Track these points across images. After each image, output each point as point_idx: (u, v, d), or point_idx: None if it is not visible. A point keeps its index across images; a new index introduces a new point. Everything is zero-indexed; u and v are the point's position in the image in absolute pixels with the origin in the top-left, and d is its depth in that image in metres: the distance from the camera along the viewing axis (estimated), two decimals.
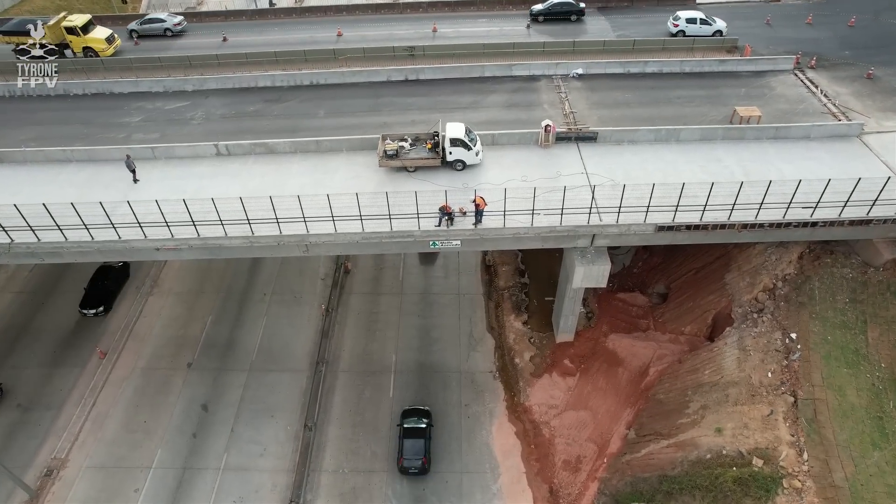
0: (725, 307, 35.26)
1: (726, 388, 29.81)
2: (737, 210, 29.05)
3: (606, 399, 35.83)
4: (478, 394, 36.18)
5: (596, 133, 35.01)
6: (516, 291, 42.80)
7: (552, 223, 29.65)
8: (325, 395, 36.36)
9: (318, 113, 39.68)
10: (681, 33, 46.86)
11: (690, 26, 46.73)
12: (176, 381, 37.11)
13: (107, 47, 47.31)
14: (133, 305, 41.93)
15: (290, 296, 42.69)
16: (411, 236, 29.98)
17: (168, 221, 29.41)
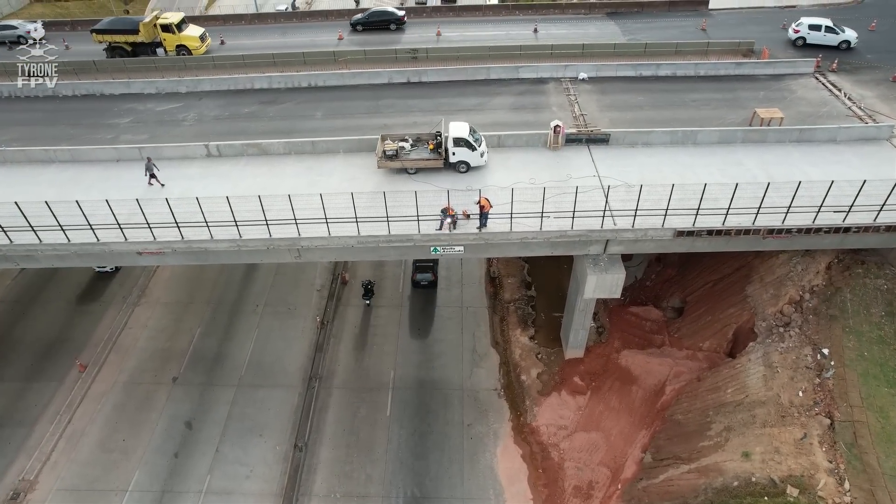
0: (747, 321, 32.87)
1: (752, 408, 27.31)
2: (762, 215, 26.91)
3: (620, 420, 33.29)
4: (481, 413, 33.69)
5: (608, 135, 33.03)
6: (522, 304, 40.48)
7: (562, 227, 27.50)
8: (318, 413, 33.93)
9: (316, 115, 37.90)
10: (801, 40, 43.62)
11: (813, 33, 43.29)
12: (159, 396, 34.76)
13: (200, 45, 46.47)
14: (118, 316, 39.75)
15: (284, 307, 40.47)
16: (411, 240, 27.83)
17: (150, 223, 27.41)
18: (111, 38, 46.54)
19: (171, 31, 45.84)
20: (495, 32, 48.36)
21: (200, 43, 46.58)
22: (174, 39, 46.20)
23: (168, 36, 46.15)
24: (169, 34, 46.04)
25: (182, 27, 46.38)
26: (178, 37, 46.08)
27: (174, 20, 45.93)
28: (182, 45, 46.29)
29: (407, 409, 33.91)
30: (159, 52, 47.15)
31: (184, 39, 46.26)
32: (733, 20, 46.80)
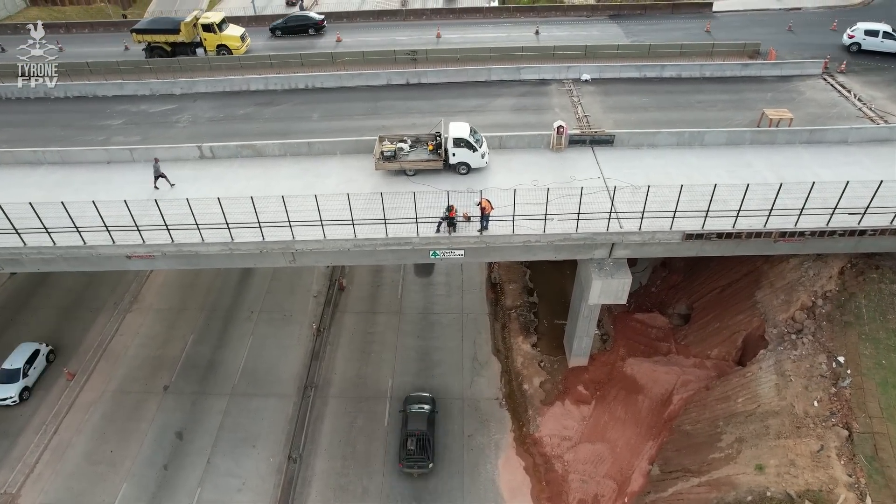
0: (757, 328, 31.79)
1: (765, 418, 26.18)
2: (773, 217, 25.91)
3: (626, 430, 32.14)
4: (482, 423, 32.53)
5: (613, 136, 32.09)
6: (524, 311, 39.40)
7: (566, 230, 26.49)
8: (313, 424, 32.79)
9: (312, 116, 37.03)
10: (855, 46, 41.78)
11: (869, 39, 41.32)
12: (149, 405, 33.63)
13: (241, 45, 45.81)
14: (109, 322, 38.68)
15: (280, 314, 39.40)
16: (409, 244, 26.82)
17: (139, 226, 26.44)
18: (151, 38, 45.74)
19: (212, 30, 45.09)
20: (496, 34, 47.60)
21: (241, 42, 45.88)
22: (215, 39, 45.46)
23: (209, 35, 45.39)
24: (210, 34, 45.28)
25: (223, 27, 45.65)
26: (219, 36, 45.36)
27: (216, 20, 45.17)
28: (223, 44, 45.58)
29: None
30: (199, 52, 46.45)
31: (225, 39, 45.54)
32: (738, 22, 46.05)
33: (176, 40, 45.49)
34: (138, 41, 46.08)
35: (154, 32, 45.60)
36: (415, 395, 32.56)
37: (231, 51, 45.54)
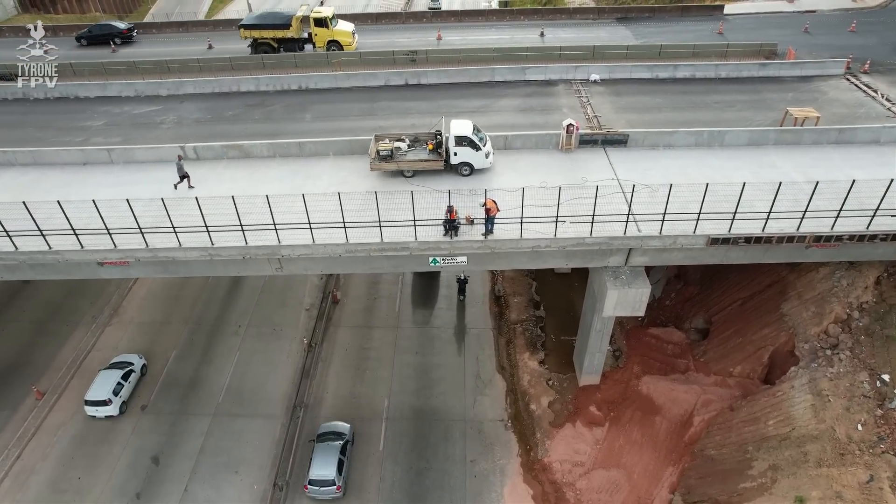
0: (785, 343, 29.23)
1: (802, 443, 23.54)
2: (805, 220, 23.54)
3: (643, 455, 29.43)
4: (486, 447, 29.82)
5: (626, 135, 29.87)
6: (531, 326, 36.84)
7: (580, 234, 24.09)
8: (302, 447, 30.07)
9: (305, 117, 34.91)
10: None
11: None
12: (124, 427, 30.97)
13: (352, 41, 44.06)
14: (86, 337, 36.13)
15: (269, 328, 36.85)
16: (406, 249, 24.42)
17: (110, 229, 24.06)
18: (259, 34, 44.22)
19: (324, 25, 43.45)
20: (499, 36, 45.76)
21: (352, 38, 44.19)
22: (326, 35, 43.83)
23: (321, 31, 43.74)
24: (322, 29, 43.64)
25: (334, 22, 44.00)
26: (331, 32, 43.73)
27: (328, 14, 43.55)
28: (334, 40, 43.89)
29: (402, 442, 30.06)
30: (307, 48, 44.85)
31: (337, 35, 43.92)
32: (751, 24, 44.23)
33: (285, 36, 43.83)
34: (245, 37, 44.40)
35: (262, 28, 43.97)
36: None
37: (342, 46, 43.77)
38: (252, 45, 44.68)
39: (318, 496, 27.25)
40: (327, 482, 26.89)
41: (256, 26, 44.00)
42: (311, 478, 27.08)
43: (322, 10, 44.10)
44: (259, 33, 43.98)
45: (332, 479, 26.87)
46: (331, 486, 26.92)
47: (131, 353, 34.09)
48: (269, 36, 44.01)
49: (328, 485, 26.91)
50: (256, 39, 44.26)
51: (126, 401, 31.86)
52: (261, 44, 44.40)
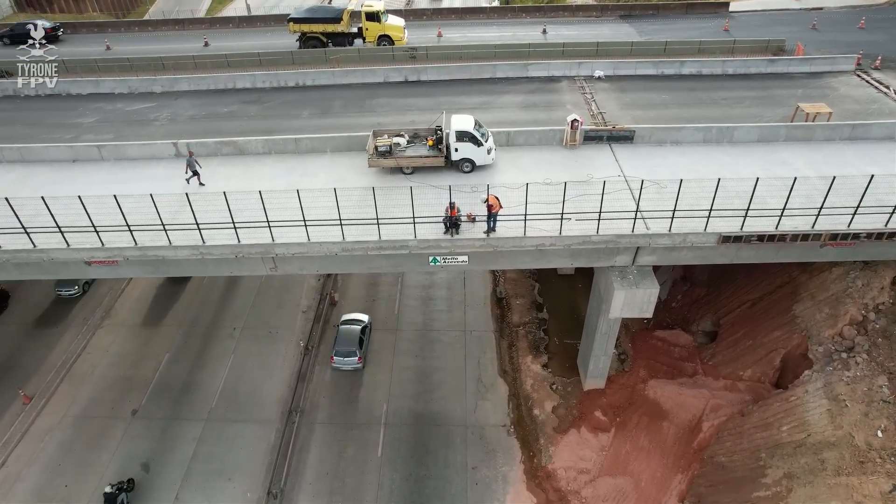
0: (798, 346, 28.23)
1: (819, 451, 22.53)
2: (820, 217, 22.62)
3: (650, 462, 28.43)
4: (488, 454, 28.81)
5: (632, 131, 28.97)
6: (533, 328, 35.86)
7: (586, 232, 23.15)
8: (298, 453, 29.09)
9: (302, 114, 34.03)
10: None
11: None
12: (114, 433, 29.97)
13: (403, 36, 43.27)
14: (76, 340, 35.16)
15: (265, 331, 35.88)
16: (405, 248, 23.47)
17: (97, 226, 23.14)
18: (308, 28, 43.40)
19: (376, 19, 42.66)
20: (501, 33, 44.95)
21: (403, 33, 43.45)
22: (378, 29, 43.04)
23: (372, 25, 42.94)
24: (373, 23, 42.85)
25: (385, 17, 43.34)
26: (382, 26, 42.97)
27: (380, 8, 42.76)
28: (386, 35, 43.10)
29: (401, 448, 29.06)
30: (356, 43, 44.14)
31: (388, 29, 43.23)
32: (757, 21, 43.40)
33: (335, 30, 43.09)
34: (294, 31, 43.60)
35: (312, 21, 43.21)
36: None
37: (393, 41, 42.95)
38: (300, 39, 43.81)
39: (343, 366, 32.33)
40: (351, 353, 32.03)
41: (306, 20, 43.14)
42: (336, 349, 32.31)
43: (374, 4, 43.18)
44: (308, 27, 43.18)
45: (354, 351, 32.11)
46: (353, 357, 32.06)
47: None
48: (319, 30, 43.18)
49: (351, 355, 31.99)
50: (305, 33, 43.40)
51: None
52: (309, 38, 43.55)
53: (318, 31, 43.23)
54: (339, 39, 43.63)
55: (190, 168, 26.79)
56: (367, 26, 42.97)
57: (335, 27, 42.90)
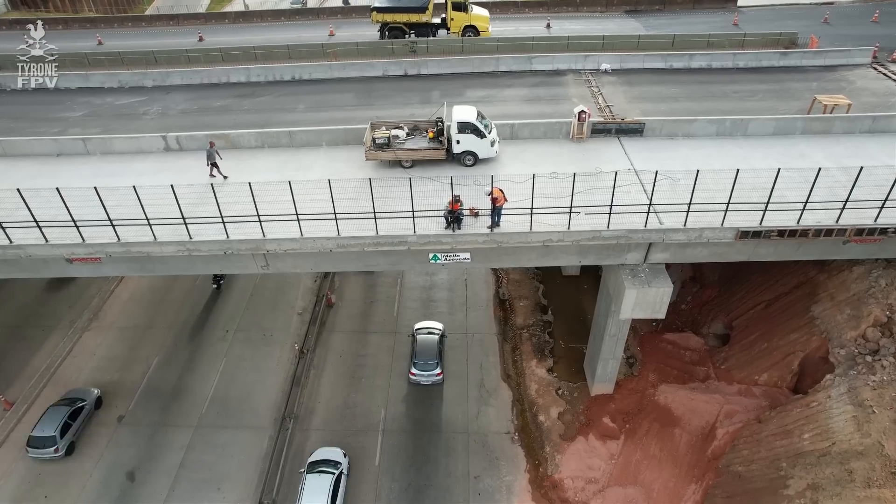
0: (818, 349, 26.83)
1: (846, 460, 21.11)
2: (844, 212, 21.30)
3: (662, 471, 27.01)
4: (491, 462, 27.39)
5: (642, 124, 27.68)
6: (538, 331, 34.49)
7: (595, 227, 21.82)
8: (291, 462, 27.68)
9: (297, 107, 32.80)
10: None
11: None
12: (99, 440, 28.58)
13: (488, 27, 42.03)
14: (62, 342, 33.80)
15: (259, 334, 34.51)
16: (404, 243, 22.11)
17: (77, 221, 21.83)
18: (392, 18, 42.29)
19: (463, 10, 41.44)
20: (503, 28, 43.86)
21: (488, 24, 42.29)
22: (464, 19, 41.83)
23: (458, 15, 41.75)
24: (459, 13, 41.67)
25: (470, 7, 42.09)
26: (468, 16, 41.75)
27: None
28: (471, 25, 41.89)
29: (400, 457, 27.65)
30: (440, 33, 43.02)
31: (474, 20, 42.03)
32: (767, 16, 42.28)
33: (419, 20, 41.92)
34: (376, 21, 42.56)
35: (396, 11, 42.05)
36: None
37: (478, 32, 41.80)
38: (381, 29, 42.79)
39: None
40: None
41: (390, 9, 42.03)
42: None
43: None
44: (392, 17, 42.13)
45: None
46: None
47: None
48: (403, 20, 42.12)
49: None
50: (388, 23, 42.34)
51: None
52: (392, 28, 42.49)
53: (402, 21, 42.20)
54: (422, 30, 42.60)
55: (209, 160, 25.39)
56: (452, 16, 41.87)
57: (419, 17, 41.84)
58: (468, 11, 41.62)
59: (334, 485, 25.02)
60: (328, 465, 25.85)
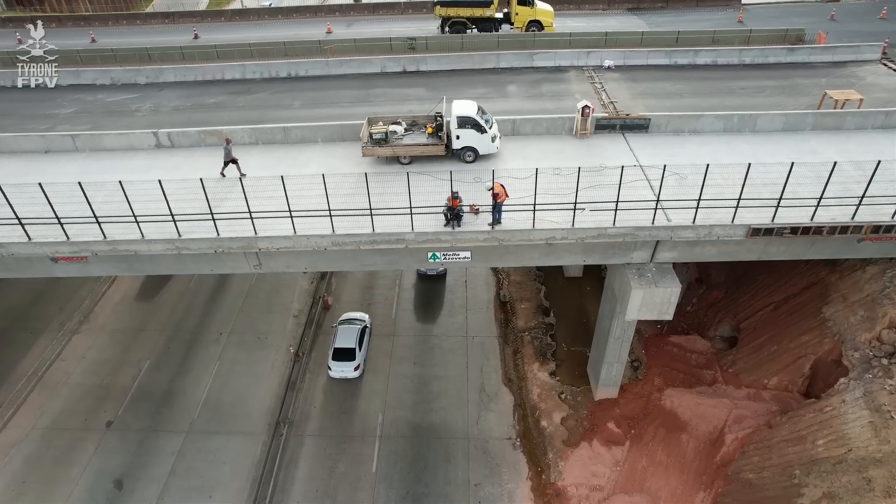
0: (830, 351, 25.93)
1: (864, 468, 20.19)
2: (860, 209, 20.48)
3: (669, 478, 26.07)
4: (492, 469, 26.46)
5: (647, 119, 26.88)
6: (540, 334, 33.58)
7: (601, 224, 20.97)
8: (285, 468, 26.74)
9: (293, 104, 32.03)
10: None
11: None
12: (87, 446, 27.65)
13: (552, 22, 41.54)
14: (51, 345, 32.90)
15: (253, 336, 33.62)
16: (401, 241, 21.26)
17: (62, 219, 20.99)
18: (455, 12, 41.81)
19: (528, 4, 40.99)
20: (504, 26, 42.94)
21: (552, 19, 41.85)
22: (528, 14, 41.34)
23: (523, 10, 41.33)
24: (524, 8, 41.24)
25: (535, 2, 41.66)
26: (533, 11, 41.28)
27: None
28: (536, 20, 41.36)
29: (398, 463, 26.72)
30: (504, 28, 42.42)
31: (539, 14, 41.50)
32: (773, 13, 41.60)
33: (483, 15, 41.47)
34: (440, 15, 42.14)
35: (460, 5, 41.60)
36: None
37: (543, 27, 41.28)
38: (443, 24, 42.42)
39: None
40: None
41: (453, 3, 41.59)
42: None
43: None
44: (455, 11, 41.72)
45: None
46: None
47: None
48: (466, 14, 41.74)
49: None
50: (451, 18, 41.91)
51: None
52: (455, 22, 42.10)
53: (465, 16, 41.80)
54: (485, 25, 42.18)
55: (227, 157, 24.51)
56: (517, 11, 41.45)
57: (483, 11, 41.42)
58: (533, 6, 41.24)
59: (360, 333, 30.51)
60: (355, 322, 31.25)
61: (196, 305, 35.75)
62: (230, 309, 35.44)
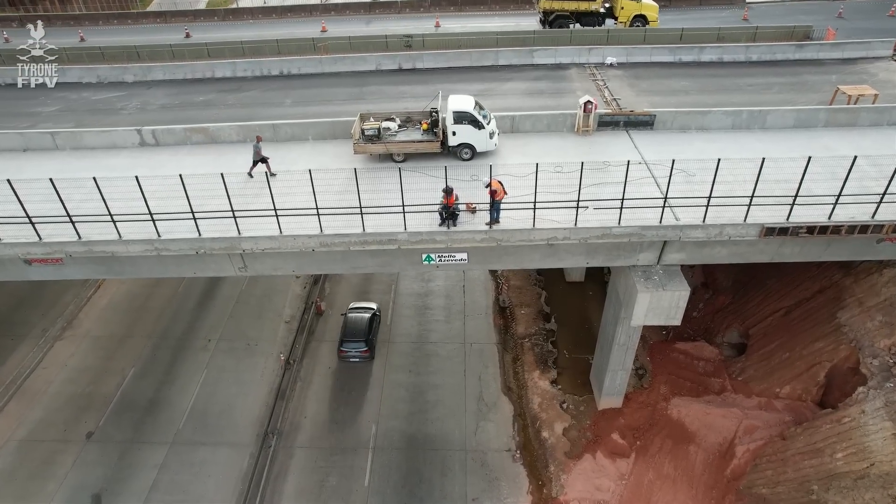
0: (846, 358, 24.68)
1: (889, 484, 18.92)
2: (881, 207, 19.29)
3: (677, 492, 24.75)
4: (490, 483, 25.13)
5: (653, 116, 25.71)
6: (540, 340, 32.30)
7: (605, 224, 19.76)
8: (274, 482, 25.42)
9: (285, 102, 30.94)
10: None
11: None
12: (65, 459, 26.32)
13: (657, 17, 40.68)
14: (32, 352, 31.62)
15: (242, 343, 32.35)
16: (394, 242, 20.04)
17: (33, 218, 19.80)
18: (559, 6, 41.05)
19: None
20: (503, 23, 42.21)
21: (658, 14, 41.05)
22: (634, 8, 40.66)
23: (628, 4, 40.69)
24: (630, 2, 40.56)
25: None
26: (639, 5, 40.56)
27: None
28: (641, 15, 40.63)
29: (392, 476, 25.39)
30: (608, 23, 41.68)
31: (645, 9, 40.75)
32: (778, 11, 40.67)
33: (588, 8, 40.72)
34: (542, 9, 41.48)
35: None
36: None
37: (648, 22, 40.52)
38: (544, 18, 41.66)
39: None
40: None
41: None
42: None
43: None
44: (560, 5, 40.98)
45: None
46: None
47: None
48: (571, 8, 40.98)
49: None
50: (555, 11, 41.10)
51: None
52: (558, 17, 41.22)
53: (570, 10, 41.04)
54: (589, 19, 41.39)
55: (256, 155, 23.23)
56: (623, 5, 40.74)
57: (588, 5, 40.69)
58: (639, 0, 40.39)
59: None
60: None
61: (184, 311, 34.50)
62: (219, 314, 34.18)
